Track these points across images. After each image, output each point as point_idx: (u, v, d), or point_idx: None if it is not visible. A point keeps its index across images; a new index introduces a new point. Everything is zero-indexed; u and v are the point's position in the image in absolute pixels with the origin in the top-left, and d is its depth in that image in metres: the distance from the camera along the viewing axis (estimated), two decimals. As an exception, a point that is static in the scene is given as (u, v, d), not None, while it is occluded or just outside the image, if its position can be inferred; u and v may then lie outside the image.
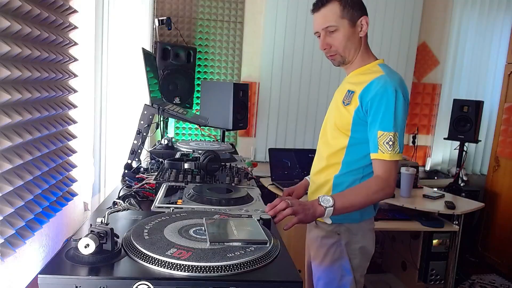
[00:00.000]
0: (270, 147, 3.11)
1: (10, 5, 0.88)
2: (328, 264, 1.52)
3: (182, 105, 3.00)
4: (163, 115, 1.85)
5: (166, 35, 3.24)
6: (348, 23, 1.42)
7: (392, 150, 1.36)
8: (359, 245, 1.50)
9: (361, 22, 1.43)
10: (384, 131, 1.36)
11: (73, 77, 1.29)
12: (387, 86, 1.36)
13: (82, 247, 0.74)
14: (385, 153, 1.36)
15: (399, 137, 1.36)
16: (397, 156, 1.37)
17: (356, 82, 1.46)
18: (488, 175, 3.65)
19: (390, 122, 1.35)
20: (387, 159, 1.36)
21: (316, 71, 3.52)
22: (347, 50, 1.46)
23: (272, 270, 0.77)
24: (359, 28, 1.44)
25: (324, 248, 1.53)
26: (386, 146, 1.36)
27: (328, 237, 1.52)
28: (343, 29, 1.42)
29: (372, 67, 1.47)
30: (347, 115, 1.45)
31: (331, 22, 1.42)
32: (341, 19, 1.41)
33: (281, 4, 3.38)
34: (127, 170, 1.71)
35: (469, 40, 3.77)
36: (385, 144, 1.36)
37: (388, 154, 1.36)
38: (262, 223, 0.97)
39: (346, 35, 1.43)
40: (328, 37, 1.45)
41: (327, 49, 1.47)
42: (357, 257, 1.50)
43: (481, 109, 3.27)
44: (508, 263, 3.35)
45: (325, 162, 1.53)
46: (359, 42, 1.46)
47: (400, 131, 1.37)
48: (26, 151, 0.98)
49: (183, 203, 1.17)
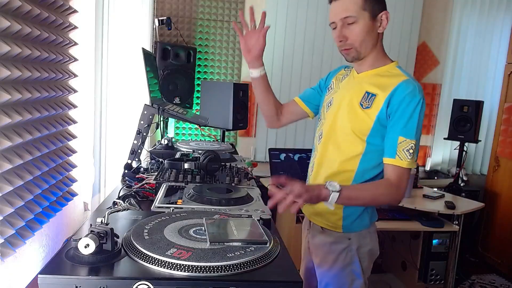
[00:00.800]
0: (270, 147, 3.11)
1: (10, 5, 0.88)
2: (338, 269, 1.48)
3: (182, 105, 3.00)
4: (163, 115, 1.85)
5: (166, 35, 3.24)
6: (369, 15, 1.32)
7: (411, 159, 1.31)
8: (368, 247, 1.47)
9: (381, 17, 1.35)
10: (406, 138, 1.30)
11: (73, 77, 1.29)
12: (416, 92, 1.31)
13: (82, 247, 0.74)
14: (403, 160, 1.31)
15: (416, 146, 1.32)
16: (413, 165, 1.32)
17: (377, 85, 1.37)
18: (488, 175, 3.65)
19: (413, 129, 1.30)
20: (404, 167, 1.31)
21: (316, 71, 3.51)
22: (364, 45, 1.36)
23: (272, 270, 0.77)
24: (379, 23, 1.35)
25: (334, 254, 1.48)
26: (405, 153, 1.30)
27: (338, 243, 1.47)
28: (363, 22, 1.32)
29: (392, 69, 1.40)
30: (367, 119, 1.37)
31: (351, 13, 1.32)
32: (362, 10, 1.32)
33: (281, 4, 3.38)
34: (127, 170, 1.71)
35: (469, 40, 3.77)
36: (404, 151, 1.31)
37: (406, 162, 1.30)
38: (262, 223, 0.97)
39: (365, 28, 1.33)
40: (346, 28, 1.35)
41: (343, 41, 1.37)
42: (366, 260, 1.48)
43: (481, 109, 3.27)
44: (508, 263, 3.35)
45: (336, 167, 1.44)
46: (377, 38, 1.38)
47: (418, 140, 1.33)
48: (26, 151, 0.98)
49: (183, 203, 1.17)
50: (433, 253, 2.86)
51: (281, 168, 2.91)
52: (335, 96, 1.50)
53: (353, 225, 1.44)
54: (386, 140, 1.35)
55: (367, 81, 1.41)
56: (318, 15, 3.41)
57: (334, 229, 1.46)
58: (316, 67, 3.51)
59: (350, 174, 1.42)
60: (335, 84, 1.56)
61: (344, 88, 1.49)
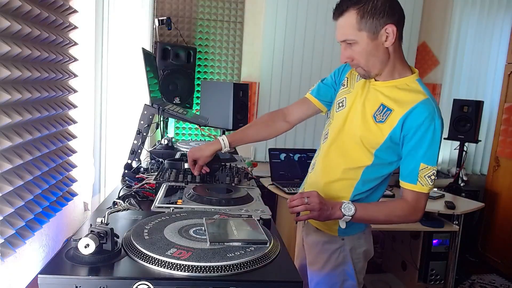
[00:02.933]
0: (270, 147, 3.11)
1: (10, 5, 0.88)
2: (330, 269, 1.47)
3: (182, 105, 3.00)
4: (163, 115, 1.85)
5: (166, 35, 3.24)
6: (367, 35, 1.23)
7: (432, 184, 1.30)
8: (363, 248, 1.46)
9: (385, 31, 1.23)
10: (428, 165, 1.28)
11: (73, 77, 1.29)
12: (435, 116, 1.26)
13: (82, 247, 0.74)
14: (425, 186, 1.29)
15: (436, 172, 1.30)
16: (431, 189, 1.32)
17: (394, 99, 1.30)
18: (488, 175, 3.65)
19: (434, 156, 1.28)
20: (425, 192, 1.31)
21: (316, 71, 3.51)
22: (371, 65, 1.29)
23: (272, 270, 0.77)
24: (384, 38, 1.24)
25: (326, 253, 1.47)
26: (427, 180, 1.29)
27: (331, 243, 1.46)
28: (362, 42, 1.24)
29: (411, 83, 1.32)
30: (379, 133, 1.31)
31: (348, 36, 1.26)
32: (358, 31, 1.23)
33: (281, 4, 3.38)
34: (127, 170, 1.71)
35: (469, 40, 3.77)
36: (426, 178, 1.29)
37: (428, 187, 1.30)
38: (262, 223, 0.97)
39: (365, 49, 1.25)
40: (349, 49, 1.29)
41: (349, 62, 1.32)
42: (361, 261, 1.47)
43: (481, 109, 3.27)
44: (508, 263, 3.35)
45: (339, 175, 1.42)
46: (386, 53, 1.28)
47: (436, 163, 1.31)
48: (26, 151, 0.98)
49: (183, 203, 1.17)
50: (433, 253, 2.86)
51: (281, 168, 2.91)
52: (348, 96, 1.43)
53: (348, 229, 1.42)
54: (406, 164, 1.32)
55: (383, 92, 1.34)
56: (318, 15, 3.41)
57: (329, 231, 1.46)
58: (316, 67, 3.50)
59: (352, 182, 1.40)
60: (349, 82, 1.47)
61: (358, 91, 1.40)
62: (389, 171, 1.40)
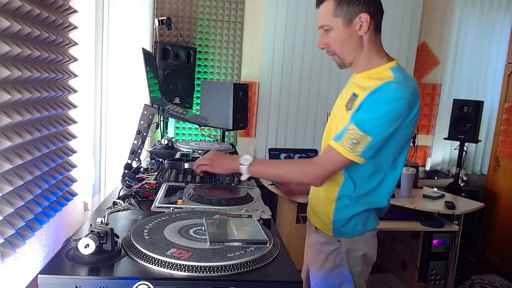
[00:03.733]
0: (270, 147, 3.11)
1: (10, 5, 0.88)
2: (327, 270, 1.47)
3: (182, 105, 2.99)
4: (163, 115, 1.85)
5: (166, 35, 3.24)
6: (342, 22, 1.29)
7: (351, 149, 1.23)
8: (361, 252, 1.43)
9: (360, 19, 1.28)
10: (356, 128, 1.23)
11: (73, 77, 1.29)
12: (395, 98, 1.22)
13: (82, 247, 0.74)
14: (342, 147, 1.24)
15: (369, 143, 1.22)
16: (352, 156, 1.24)
17: (363, 86, 1.32)
18: (488, 175, 3.65)
19: (369, 122, 1.22)
20: (338, 151, 1.25)
21: (316, 71, 3.51)
22: (344, 52, 1.34)
23: (272, 270, 0.77)
24: (358, 27, 1.29)
25: (323, 254, 1.47)
26: (348, 141, 1.23)
27: (328, 244, 1.46)
28: (337, 29, 1.30)
29: (384, 71, 1.31)
30: (346, 120, 1.32)
31: (324, 21, 1.32)
32: (334, 17, 1.29)
33: (281, 4, 3.38)
34: (127, 170, 1.71)
35: (469, 40, 3.77)
36: (348, 140, 1.23)
37: (344, 148, 1.24)
38: (262, 223, 0.97)
39: (340, 35, 1.31)
40: (325, 36, 1.34)
41: (325, 48, 1.38)
42: (359, 265, 1.44)
43: (481, 109, 3.27)
44: (508, 263, 3.35)
45: None
46: (359, 42, 1.32)
47: (374, 139, 1.23)
48: (26, 151, 0.98)
49: (183, 203, 1.17)
50: (433, 253, 2.86)
51: (281, 168, 2.91)
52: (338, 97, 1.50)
53: (343, 230, 1.42)
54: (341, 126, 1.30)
55: (357, 82, 1.37)
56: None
57: (326, 231, 1.46)
58: (316, 67, 3.50)
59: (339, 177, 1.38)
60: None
61: (343, 89, 1.48)
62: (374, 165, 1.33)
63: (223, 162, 1.38)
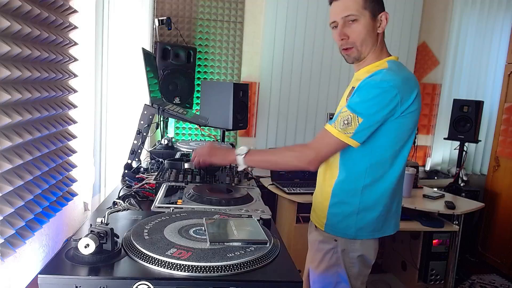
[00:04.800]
0: (270, 147, 3.11)
1: (10, 5, 0.88)
2: (323, 269, 1.47)
3: (182, 105, 3.00)
4: (163, 115, 1.85)
5: (166, 35, 3.24)
6: (369, 15, 1.33)
7: (342, 128, 1.26)
8: (357, 253, 1.42)
9: (381, 17, 1.35)
10: (348, 110, 1.27)
11: (73, 77, 1.29)
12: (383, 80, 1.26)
13: (82, 247, 0.74)
14: (335, 129, 1.28)
15: (361, 124, 1.25)
16: (343, 137, 1.27)
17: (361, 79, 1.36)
18: (488, 175, 3.65)
19: (359, 104, 1.26)
20: (329, 131, 1.29)
21: (316, 71, 3.51)
22: (365, 45, 1.35)
23: (272, 270, 0.77)
24: (378, 24, 1.35)
25: (321, 252, 1.48)
26: (340, 122, 1.27)
27: (325, 242, 1.46)
28: (364, 20, 1.32)
29: (381, 64, 1.37)
30: None
31: (352, 11, 1.32)
32: (363, 9, 1.32)
33: (281, 4, 3.38)
34: (127, 170, 1.71)
35: (469, 40, 3.76)
36: (341, 120, 1.27)
37: (336, 129, 1.27)
38: (262, 223, 0.97)
39: (366, 27, 1.33)
40: (347, 27, 1.34)
41: (345, 40, 1.36)
42: (355, 266, 1.43)
43: (481, 109, 3.27)
44: (508, 263, 3.34)
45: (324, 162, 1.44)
46: (377, 38, 1.37)
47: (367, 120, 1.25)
48: (26, 151, 0.98)
49: (183, 203, 1.17)
50: (433, 253, 2.86)
51: (281, 168, 2.91)
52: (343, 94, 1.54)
53: (335, 228, 1.42)
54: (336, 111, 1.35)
55: (357, 77, 1.41)
56: (318, 15, 3.41)
57: (321, 227, 1.47)
58: (316, 67, 3.51)
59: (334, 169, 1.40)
60: None
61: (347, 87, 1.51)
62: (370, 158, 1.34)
63: (219, 153, 1.44)
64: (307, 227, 1.67)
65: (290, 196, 2.62)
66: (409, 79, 1.32)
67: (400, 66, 1.37)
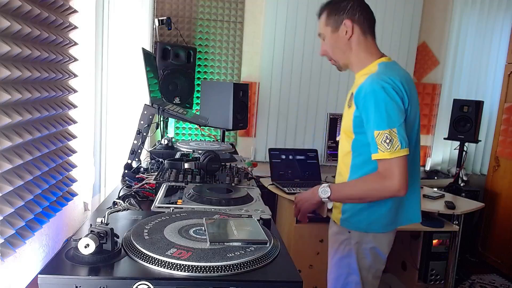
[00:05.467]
0: (270, 147, 3.11)
1: (10, 5, 0.88)
2: (337, 259, 1.56)
3: (182, 105, 3.00)
4: (163, 115, 1.85)
5: (166, 35, 3.24)
6: (330, 29, 1.49)
7: (391, 148, 1.33)
8: (370, 245, 1.49)
9: (344, 26, 1.46)
10: (379, 130, 1.34)
11: (73, 77, 1.29)
12: (373, 84, 1.35)
13: (82, 247, 0.74)
14: (385, 152, 1.33)
15: (398, 133, 1.33)
16: (399, 153, 1.33)
17: (355, 84, 1.49)
18: (488, 175, 3.65)
19: (383, 120, 1.33)
20: (387, 158, 1.34)
21: (316, 71, 3.51)
22: (336, 56, 1.52)
23: (272, 270, 0.77)
24: (344, 32, 1.46)
25: (336, 243, 1.57)
26: (384, 145, 1.33)
27: (340, 234, 1.56)
28: (327, 36, 1.51)
29: (372, 67, 1.46)
30: (348, 117, 1.47)
31: (319, 30, 1.53)
32: (325, 26, 1.50)
33: (281, 4, 3.38)
34: (127, 170, 1.71)
35: (469, 40, 3.77)
36: (382, 143, 1.33)
37: (388, 152, 1.33)
38: (262, 223, 0.97)
39: (330, 41, 1.50)
40: (323, 43, 1.55)
41: (325, 54, 1.56)
42: (367, 258, 1.50)
43: (481, 109, 3.27)
44: (508, 263, 3.34)
45: (339, 164, 1.58)
46: (347, 45, 1.48)
47: (399, 126, 1.33)
48: (26, 151, 0.98)
49: (183, 203, 1.17)
50: (433, 253, 2.85)
51: (281, 168, 2.91)
52: None
53: (349, 222, 1.52)
54: (369, 139, 1.39)
55: (355, 82, 1.52)
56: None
57: (337, 221, 1.55)
58: (316, 67, 3.51)
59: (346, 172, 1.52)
60: None
61: None
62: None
63: (306, 202, 1.53)
64: (307, 227, 1.69)
65: (290, 196, 2.62)
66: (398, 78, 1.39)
67: (390, 67, 1.45)
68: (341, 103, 3.57)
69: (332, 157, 3.06)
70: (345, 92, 3.55)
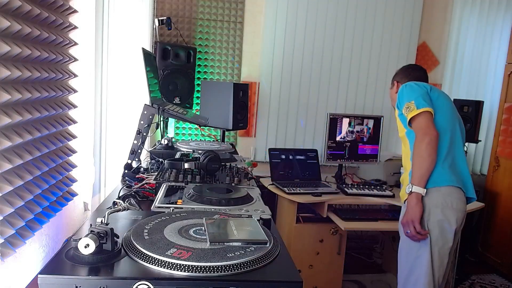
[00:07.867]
0: (270, 147, 3.11)
1: (10, 5, 0.88)
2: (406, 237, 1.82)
3: (182, 105, 3.00)
4: (163, 115, 1.85)
5: (166, 35, 3.24)
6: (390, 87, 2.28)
7: (408, 112, 1.81)
8: (438, 217, 1.76)
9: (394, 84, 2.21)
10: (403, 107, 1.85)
11: (73, 77, 1.29)
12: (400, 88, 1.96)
13: (82, 247, 0.74)
14: (408, 115, 1.82)
15: (415, 101, 1.79)
16: (417, 111, 1.77)
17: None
18: (488, 175, 3.65)
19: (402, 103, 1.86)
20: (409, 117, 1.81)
21: (316, 71, 3.51)
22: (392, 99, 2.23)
23: (272, 270, 0.77)
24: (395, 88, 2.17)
25: None
26: (406, 111, 1.83)
27: None
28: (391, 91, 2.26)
29: None
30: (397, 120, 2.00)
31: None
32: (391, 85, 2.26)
33: (281, 4, 3.38)
34: (127, 170, 1.71)
35: (469, 40, 3.76)
36: (406, 111, 1.83)
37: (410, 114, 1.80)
38: (262, 223, 0.97)
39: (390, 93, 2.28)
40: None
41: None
42: (435, 230, 1.76)
43: (481, 109, 3.27)
44: (508, 263, 3.34)
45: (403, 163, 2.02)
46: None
47: (416, 98, 1.80)
48: (26, 151, 0.98)
49: (183, 203, 1.17)
50: (433, 253, 2.85)
51: (281, 168, 2.91)
52: None
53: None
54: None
55: None
56: (318, 15, 3.40)
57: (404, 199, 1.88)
58: (316, 67, 3.51)
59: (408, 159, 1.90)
60: None
61: None
62: None
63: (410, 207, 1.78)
64: (307, 227, 1.68)
65: (290, 196, 2.62)
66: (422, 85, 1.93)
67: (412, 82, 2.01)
68: (341, 103, 3.58)
69: (332, 157, 3.06)
70: (345, 92, 3.57)
